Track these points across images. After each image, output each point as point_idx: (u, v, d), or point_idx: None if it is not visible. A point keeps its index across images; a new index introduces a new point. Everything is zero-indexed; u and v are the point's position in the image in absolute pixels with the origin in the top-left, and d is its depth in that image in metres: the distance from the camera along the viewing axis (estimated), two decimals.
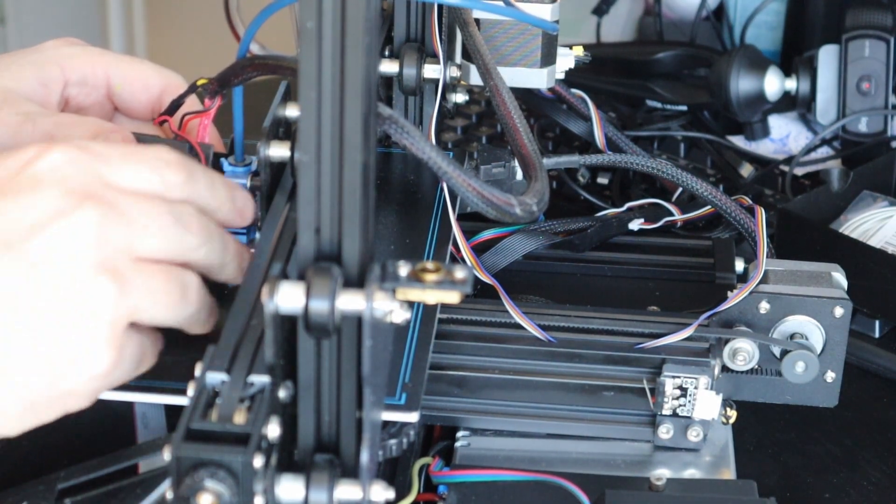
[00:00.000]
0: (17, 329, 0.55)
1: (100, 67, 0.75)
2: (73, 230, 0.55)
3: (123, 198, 0.57)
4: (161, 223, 0.58)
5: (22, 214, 0.55)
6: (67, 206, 0.55)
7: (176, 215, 0.59)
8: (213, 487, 0.51)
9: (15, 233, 0.55)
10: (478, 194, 0.58)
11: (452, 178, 0.58)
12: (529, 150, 0.64)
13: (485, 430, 0.73)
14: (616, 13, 1.28)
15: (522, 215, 0.59)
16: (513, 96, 0.68)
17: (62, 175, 0.56)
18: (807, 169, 1.06)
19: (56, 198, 0.56)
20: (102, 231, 0.56)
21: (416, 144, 0.58)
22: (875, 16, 1.06)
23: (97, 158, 0.58)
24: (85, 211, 0.56)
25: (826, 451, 0.78)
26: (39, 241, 0.55)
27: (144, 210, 0.58)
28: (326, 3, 0.50)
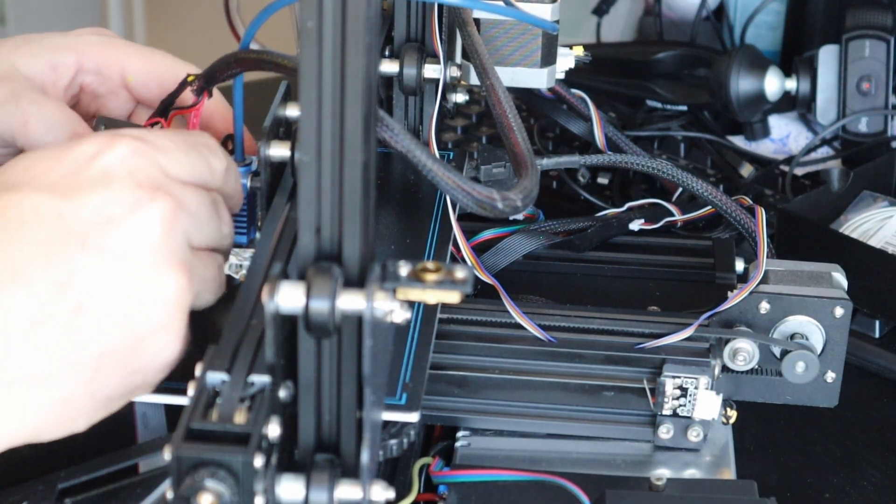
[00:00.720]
0: (96, 325, 0.55)
1: (115, 58, 0.75)
2: (149, 223, 0.56)
3: (182, 189, 0.59)
4: (209, 214, 0.60)
5: (98, 209, 0.56)
6: (141, 199, 0.56)
7: (214, 206, 0.61)
8: (214, 487, 0.51)
9: (92, 228, 0.55)
10: (459, 188, 0.58)
11: (433, 172, 0.58)
12: (522, 149, 0.63)
13: (485, 430, 0.73)
14: (616, 13, 1.28)
15: (505, 210, 0.59)
16: (509, 96, 0.68)
17: (130, 168, 0.57)
18: (807, 169, 1.06)
19: (129, 191, 0.56)
20: (173, 223, 0.57)
21: (395, 138, 0.58)
22: (875, 16, 1.07)
23: (157, 150, 0.59)
24: (157, 203, 0.56)
25: (826, 451, 0.78)
26: (117, 235, 0.56)
27: (197, 201, 0.59)
28: (327, 3, 0.50)
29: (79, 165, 0.57)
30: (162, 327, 0.57)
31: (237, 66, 0.68)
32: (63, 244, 0.55)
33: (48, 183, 0.56)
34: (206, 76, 0.70)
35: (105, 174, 0.56)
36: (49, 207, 0.55)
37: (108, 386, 0.56)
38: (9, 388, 0.54)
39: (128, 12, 2.49)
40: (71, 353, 0.55)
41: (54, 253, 0.54)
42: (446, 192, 0.58)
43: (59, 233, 0.55)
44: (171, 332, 0.57)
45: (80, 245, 0.55)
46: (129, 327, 0.56)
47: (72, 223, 0.55)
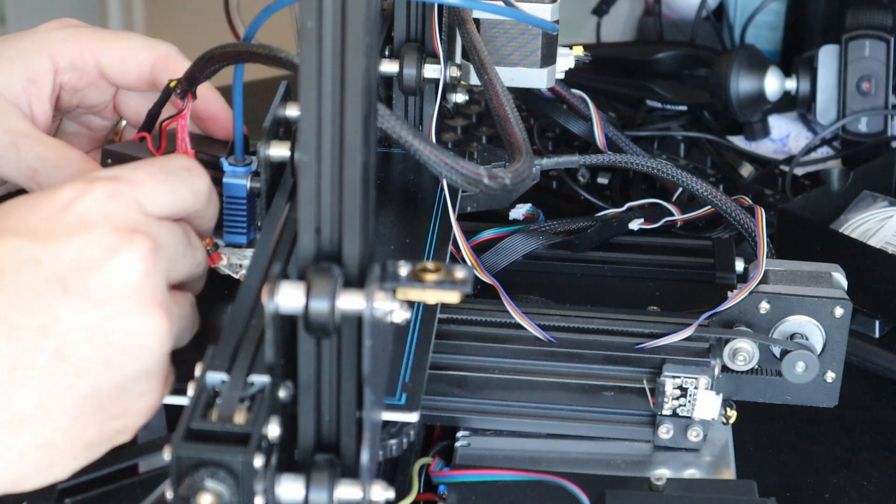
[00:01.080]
0: (77, 370, 0.55)
1: (88, 50, 0.75)
2: (128, 266, 0.56)
3: (159, 226, 0.58)
4: (184, 246, 0.60)
5: (76, 254, 0.55)
6: (119, 243, 0.56)
7: (188, 236, 0.61)
8: (214, 487, 0.51)
9: (72, 273, 0.55)
10: (445, 164, 0.57)
11: (419, 150, 0.57)
12: (518, 137, 0.63)
13: (485, 430, 0.73)
14: (616, 13, 1.28)
15: (492, 185, 0.58)
16: (507, 91, 0.68)
17: (107, 211, 0.57)
18: (807, 169, 1.06)
19: (107, 235, 0.56)
20: (151, 264, 0.57)
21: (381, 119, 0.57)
22: (875, 16, 1.06)
23: (134, 187, 0.58)
24: (136, 245, 0.56)
25: (826, 451, 0.78)
26: (96, 279, 0.55)
27: (173, 236, 0.59)
28: (327, 3, 0.50)
29: (56, 211, 0.56)
30: (143, 372, 0.57)
31: (215, 62, 0.68)
32: (43, 289, 0.54)
33: (26, 229, 0.56)
34: (187, 79, 0.70)
35: (82, 219, 0.56)
36: (28, 253, 0.55)
37: (88, 432, 0.56)
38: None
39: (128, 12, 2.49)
40: (51, 399, 0.54)
41: (34, 298, 0.54)
42: (432, 168, 0.57)
43: (38, 278, 0.54)
44: (153, 377, 0.57)
45: (61, 290, 0.54)
46: (111, 373, 0.55)
47: (51, 268, 0.55)
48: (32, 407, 0.54)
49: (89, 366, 0.55)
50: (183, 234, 0.60)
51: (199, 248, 0.63)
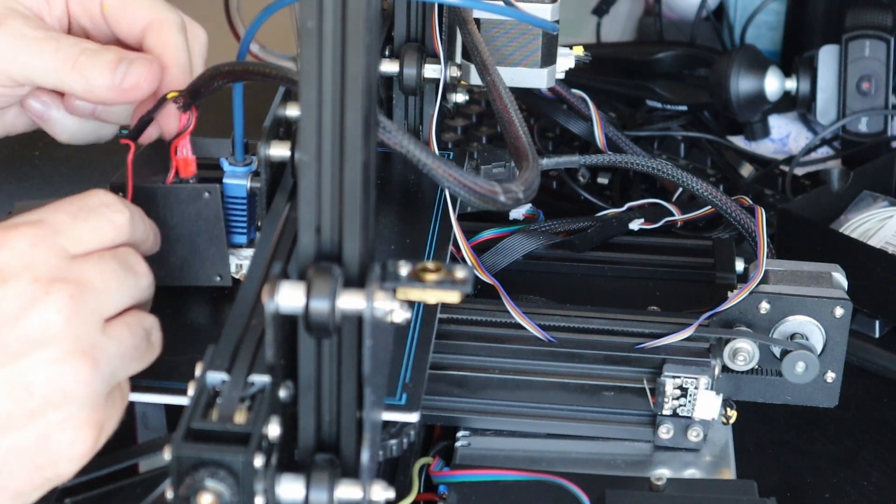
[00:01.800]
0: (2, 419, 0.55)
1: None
2: (45, 319, 0.55)
3: (84, 267, 0.58)
4: (119, 278, 0.59)
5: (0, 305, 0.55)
6: (36, 295, 0.55)
7: (123, 264, 0.60)
8: (214, 487, 0.51)
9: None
10: (460, 184, 0.57)
11: (433, 170, 0.57)
12: (524, 142, 0.63)
13: (485, 430, 0.73)
14: (616, 13, 1.28)
15: (507, 203, 0.59)
16: (509, 91, 0.68)
17: (27, 261, 0.56)
18: (807, 169, 1.07)
19: (24, 287, 0.55)
20: (73, 312, 0.56)
21: (393, 138, 0.58)
22: (875, 16, 1.06)
23: (55, 232, 0.58)
24: (52, 297, 0.56)
25: (826, 451, 0.78)
26: (14, 334, 0.55)
27: (102, 272, 0.58)
28: (327, 3, 0.50)
29: None
30: (66, 421, 0.56)
31: (221, 78, 0.67)
32: None
33: None
34: (190, 92, 0.69)
35: (1, 271, 0.55)
36: None
37: (16, 482, 0.56)
38: None
39: None
40: None
41: None
42: (448, 188, 0.58)
43: None
44: (78, 425, 0.57)
45: None
46: (35, 424, 0.55)
47: None
48: None
49: (11, 419, 0.55)
50: (117, 265, 0.59)
51: (144, 273, 0.61)
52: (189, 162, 0.69)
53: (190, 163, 0.69)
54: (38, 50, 0.69)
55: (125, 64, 0.69)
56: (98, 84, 0.69)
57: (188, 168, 0.69)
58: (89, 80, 0.69)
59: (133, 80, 0.69)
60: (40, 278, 0.56)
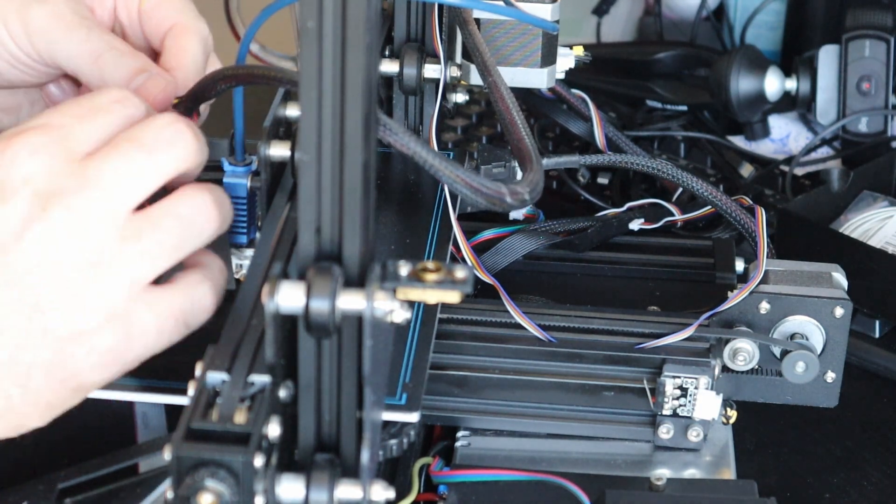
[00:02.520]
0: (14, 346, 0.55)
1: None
2: (46, 235, 0.55)
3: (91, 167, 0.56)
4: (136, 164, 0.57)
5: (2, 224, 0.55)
6: (34, 210, 0.55)
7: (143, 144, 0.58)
8: (214, 487, 0.51)
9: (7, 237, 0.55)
10: (467, 185, 0.57)
11: (440, 171, 0.57)
12: (527, 143, 0.63)
13: (485, 430, 0.73)
14: (616, 13, 1.28)
15: (514, 204, 0.59)
16: (511, 92, 0.68)
17: (27, 173, 0.55)
18: (807, 169, 1.06)
19: (23, 202, 0.55)
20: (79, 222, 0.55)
21: (400, 140, 0.58)
22: (875, 16, 1.06)
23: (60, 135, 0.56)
24: (53, 212, 0.55)
25: (826, 451, 0.78)
26: (17, 252, 0.55)
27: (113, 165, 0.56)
28: (327, 2, 0.50)
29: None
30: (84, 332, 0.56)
31: (224, 82, 0.67)
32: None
33: None
34: (192, 96, 0.69)
35: (2, 186, 0.55)
36: None
37: (45, 394, 0.56)
38: None
39: None
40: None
41: None
42: (455, 190, 0.57)
43: None
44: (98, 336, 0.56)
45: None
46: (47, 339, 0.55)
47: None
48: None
49: (27, 337, 0.55)
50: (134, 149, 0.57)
51: (187, 139, 0.58)
52: None
53: None
54: (68, 33, 0.69)
55: (145, 75, 0.69)
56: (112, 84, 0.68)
57: None
58: (105, 78, 0.69)
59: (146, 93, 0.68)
60: (39, 192, 0.55)
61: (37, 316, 0.55)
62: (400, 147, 0.58)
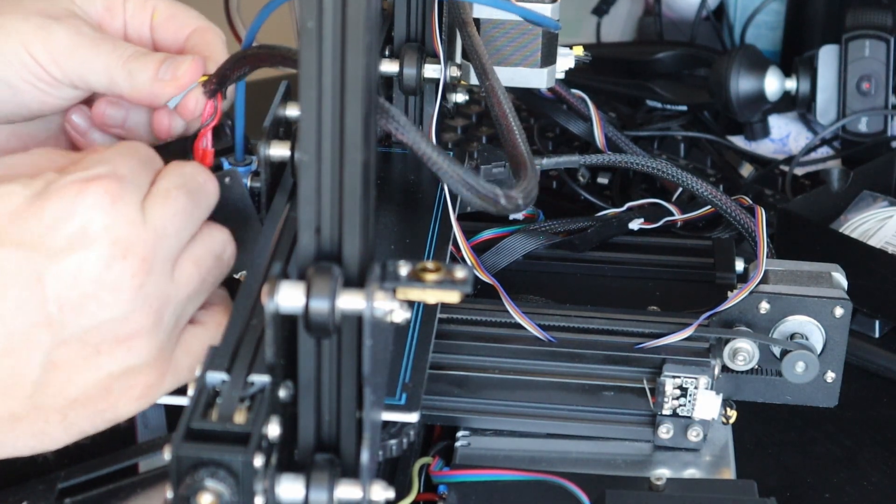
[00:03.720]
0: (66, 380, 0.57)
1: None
2: (120, 282, 0.56)
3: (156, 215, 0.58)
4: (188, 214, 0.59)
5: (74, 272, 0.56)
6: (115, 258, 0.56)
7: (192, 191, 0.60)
8: (214, 487, 0.51)
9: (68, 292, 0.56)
10: (463, 182, 0.57)
11: (438, 165, 0.57)
12: (522, 150, 0.63)
13: (485, 430, 0.73)
14: (616, 13, 1.28)
15: (507, 207, 0.59)
16: (508, 97, 0.68)
17: (107, 223, 0.56)
18: (807, 169, 1.07)
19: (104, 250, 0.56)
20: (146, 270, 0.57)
21: (402, 130, 0.58)
22: (875, 16, 1.06)
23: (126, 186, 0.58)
24: (129, 259, 0.57)
25: (826, 451, 0.78)
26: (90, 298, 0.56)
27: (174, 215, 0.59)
28: (327, 2, 0.50)
29: (58, 219, 0.56)
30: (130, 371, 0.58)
31: (247, 62, 0.68)
32: (40, 307, 0.56)
33: (27, 237, 0.56)
34: (217, 77, 0.69)
35: (84, 231, 0.56)
36: (30, 267, 0.55)
37: (80, 424, 0.58)
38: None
39: None
40: (43, 402, 0.57)
41: (31, 314, 0.55)
42: (450, 185, 0.58)
43: (37, 295, 0.55)
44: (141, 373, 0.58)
45: (57, 308, 0.56)
46: (98, 374, 0.57)
47: (51, 286, 0.56)
48: (25, 409, 0.57)
49: (79, 373, 0.57)
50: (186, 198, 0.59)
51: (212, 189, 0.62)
52: (207, 154, 0.69)
53: (208, 154, 0.69)
54: (94, 48, 0.70)
55: (169, 62, 0.70)
56: (142, 80, 0.70)
57: (206, 160, 0.69)
58: (134, 76, 0.70)
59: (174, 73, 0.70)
60: (118, 241, 0.56)
61: (94, 356, 0.57)
62: (401, 137, 0.57)
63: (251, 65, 0.67)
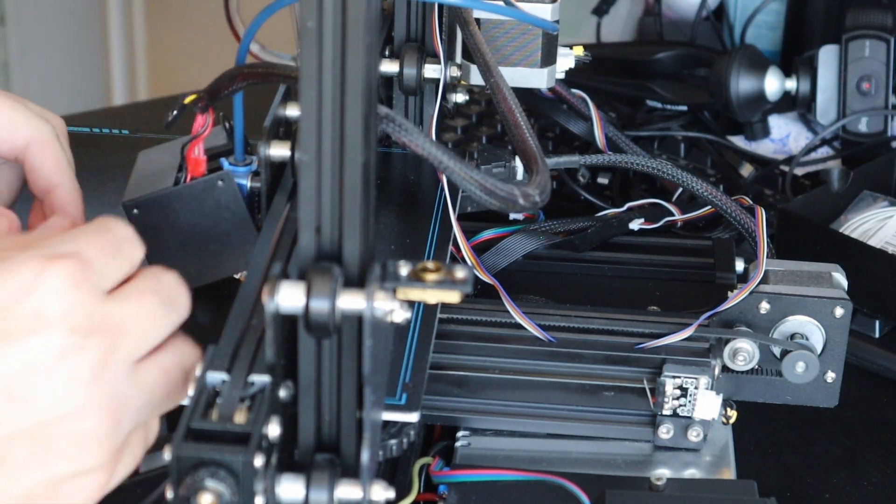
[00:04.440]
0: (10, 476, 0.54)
1: None
2: (76, 375, 0.53)
3: (122, 309, 0.55)
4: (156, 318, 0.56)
5: (27, 358, 0.53)
6: (72, 347, 0.53)
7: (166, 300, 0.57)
8: (214, 487, 0.51)
9: (19, 378, 0.53)
10: (480, 186, 0.57)
11: (454, 172, 0.57)
12: (531, 144, 0.63)
13: (485, 430, 0.73)
14: (616, 13, 1.28)
15: (526, 206, 0.59)
16: (513, 93, 0.68)
17: (65, 308, 0.53)
18: (807, 169, 1.07)
19: (61, 338, 0.53)
20: (104, 364, 0.54)
21: (414, 141, 0.58)
22: (875, 16, 1.07)
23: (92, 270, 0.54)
24: (88, 351, 0.53)
25: (826, 452, 0.78)
26: (44, 387, 0.53)
27: (141, 315, 0.56)
28: (327, 2, 0.50)
29: (12, 300, 0.53)
30: (82, 472, 0.55)
31: (242, 79, 0.67)
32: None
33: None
34: (209, 92, 0.69)
35: (39, 315, 0.53)
36: None
37: None
38: None
39: (128, 12, 2.49)
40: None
41: None
42: (468, 190, 0.57)
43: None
44: (93, 475, 0.55)
45: (7, 397, 0.52)
46: (46, 473, 0.54)
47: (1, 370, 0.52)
48: None
49: (26, 471, 0.54)
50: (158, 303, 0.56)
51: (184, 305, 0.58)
52: (199, 162, 0.70)
53: (200, 163, 0.69)
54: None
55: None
56: None
57: (198, 168, 0.69)
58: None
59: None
60: (77, 328, 0.53)
61: (43, 454, 0.54)
62: (413, 147, 0.57)
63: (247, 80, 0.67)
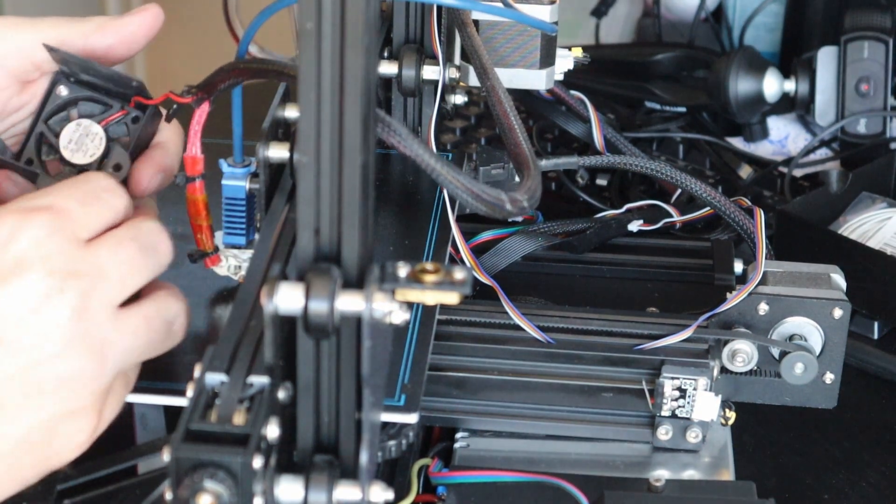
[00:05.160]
0: (8, 420, 0.55)
1: None
2: (58, 313, 0.56)
3: (100, 254, 0.58)
4: (134, 264, 0.59)
5: (9, 301, 0.55)
6: (52, 289, 0.56)
7: (144, 246, 0.59)
8: (213, 488, 0.51)
9: (4, 321, 0.55)
10: (467, 191, 0.57)
11: (441, 175, 0.57)
12: (524, 149, 0.63)
13: (484, 432, 0.73)
14: (615, 15, 1.28)
15: (513, 212, 0.59)
16: (509, 96, 0.68)
17: (44, 254, 0.56)
18: (806, 170, 1.07)
19: (40, 281, 0.55)
20: (83, 308, 0.56)
21: (404, 142, 0.58)
22: (874, 17, 1.07)
23: (68, 219, 0.57)
24: (67, 295, 0.56)
25: (825, 453, 0.78)
26: (27, 327, 0.55)
27: (118, 260, 0.58)
28: (326, 3, 0.50)
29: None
30: (74, 412, 0.57)
31: (238, 74, 0.67)
32: None
33: None
34: (203, 87, 0.69)
35: (18, 262, 0.56)
36: None
37: (24, 471, 0.57)
38: None
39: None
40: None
41: None
42: (455, 195, 0.58)
43: None
44: (84, 417, 0.57)
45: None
46: (41, 416, 0.56)
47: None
48: None
49: (22, 413, 0.56)
50: (136, 249, 0.59)
51: (165, 252, 0.61)
52: (197, 161, 0.69)
53: (198, 161, 0.69)
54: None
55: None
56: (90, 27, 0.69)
57: (195, 167, 0.69)
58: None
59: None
60: (55, 272, 0.56)
61: (36, 396, 0.56)
62: (403, 150, 0.58)
63: (242, 77, 0.67)
